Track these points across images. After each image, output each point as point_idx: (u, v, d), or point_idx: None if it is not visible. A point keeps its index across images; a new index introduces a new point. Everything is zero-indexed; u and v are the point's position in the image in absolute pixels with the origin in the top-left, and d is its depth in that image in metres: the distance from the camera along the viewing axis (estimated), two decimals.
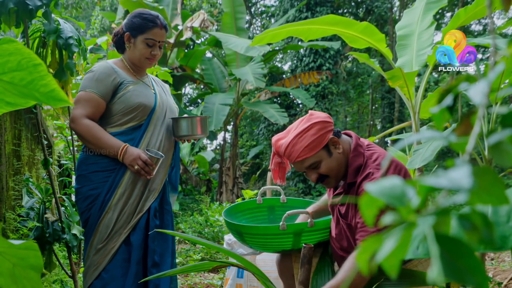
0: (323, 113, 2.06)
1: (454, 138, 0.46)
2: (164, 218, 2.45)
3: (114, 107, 2.35)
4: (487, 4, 0.48)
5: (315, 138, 1.96)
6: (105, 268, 2.28)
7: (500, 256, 4.90)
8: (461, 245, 0.42)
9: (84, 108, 2.29)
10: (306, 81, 11.91)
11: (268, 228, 2.18)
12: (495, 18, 14.47)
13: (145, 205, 2.36)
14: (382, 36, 3.39)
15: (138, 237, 2.32)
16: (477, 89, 0.45)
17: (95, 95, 2.31)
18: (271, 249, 2.32)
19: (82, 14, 17.56)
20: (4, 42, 1.00)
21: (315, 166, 2.02)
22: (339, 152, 2.02)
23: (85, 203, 2.34)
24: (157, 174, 2.41)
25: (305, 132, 1.97)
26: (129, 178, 2.32)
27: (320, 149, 1.98)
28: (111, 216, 2.30)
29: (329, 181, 2.07)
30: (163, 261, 2.40)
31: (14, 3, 2.33)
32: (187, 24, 9.86)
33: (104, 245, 2.30)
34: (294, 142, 1.98)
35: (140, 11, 2.47)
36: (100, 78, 2.33)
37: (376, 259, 0.43)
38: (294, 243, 2.15)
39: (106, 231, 2.30)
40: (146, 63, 2.45)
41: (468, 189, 0.40)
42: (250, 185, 14.55)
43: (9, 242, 0.89)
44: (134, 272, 2.28)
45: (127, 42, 2.43)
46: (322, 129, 1.98)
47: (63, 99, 1.06)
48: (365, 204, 0.45)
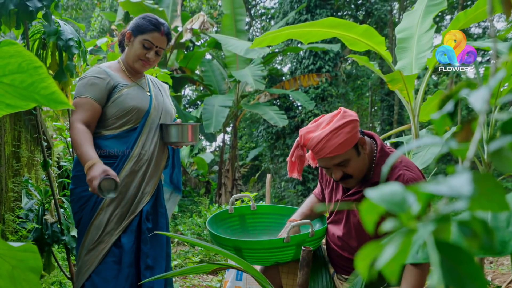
0: (353, 111, 2.06)
1: (455, 145, 0.46)
2: (158, 221, 2.44)
3: (109, 110, 2.35)
4: (488, 11, 0.48)
5: (349, 136, 1.95)
6: (95, 269, 2.28)
7: (499, 260, 4.90)
8: (461, 252, 0.42)
9: (80, 114, 2.28)
10: (306, 83, 11.91)
11: (272, 242, 2.11)
12: (495, 21, 14.48)
13: (138, 207, 2.36)
14: (382, 39, 3.39)
15: (129, 239, 2.32)
16: (478, 96, 0.45)
17: (91, 100, 2.30)
18: (269, 262, 2.22)
19: (81, 15, 17.57)
20: (5, 45, 1.00)
21: (343, 164, 2.01)
22: (365, 153, 2.03)
23: (78, 204, 2.34)
24: (150, 177, 2.41)
25: (341, 128, 1.96)
26: (122, 181, 2.32)
27: (351, 148, 1.98)
28: (102, 217, 2.30)
29: (350, 181, 2.07)
30: (157, 264, 2.39)
31: (14, 5, 2.33)
32: (187, 26, 9.86)
33: (95, 246, 2.29)
34: (329, 137, 1.96)
35: (147, 15, 2.48)
36: (94, 82, 2.33)
37: (376, 265, 0.43)
38: (295, 255, 2.12)
39: (97, 232, 2.29)
40: (139, 65, 2.43)
41: (469, 196, 0.40)
42: (249, 187, 14.55)
43: (8, 244, 0.89)
44: (125, 275, 2.28)
45: (127, 40, 2.43)
46: (355, 128, 1.98)
47: (63, 102, 1.06)
48: (366, 210, 0.45)
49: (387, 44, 12.64)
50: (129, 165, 2.35)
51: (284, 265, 2.24)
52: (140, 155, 2.38)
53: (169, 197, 2.68)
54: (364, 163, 2.03)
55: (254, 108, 11.19)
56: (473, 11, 3.17)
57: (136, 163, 2.36)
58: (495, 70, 0.48)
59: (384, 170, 1.95)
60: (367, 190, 0.47)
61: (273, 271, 2.27)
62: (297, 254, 2.12)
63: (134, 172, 2.36)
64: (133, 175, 2.36)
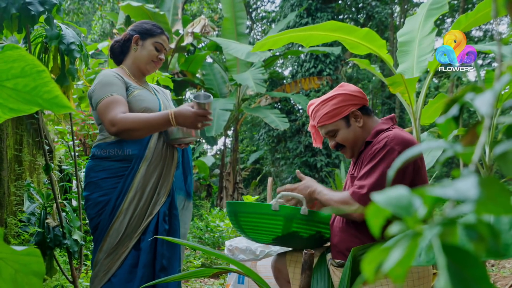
0: (355, 87, 2.19)
1: (460, 148, 0.46)
2: (172, 223, 2.45)
3: None
4: (493, 14, 0.48)
5: (335, 107, 2.10)
6: (114, 273, 2.29)
7: (501, 263, 4.89)
8: (467, 255, 0.42)
9: (115, 109, 2.24)
10: (307, 87, 11.92)
11: (260, 206, 2.13)
12: (496, 23, 14.47)
13: (155, 208, 2.37)
14: (383, 42, 3.40)
15: (147, 241, 2.33)
16: (483, 100, 0.45)
17: (117, 95, 2.29)
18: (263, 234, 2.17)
19: (83, 19, 17.60)
20: (8, 49, 1.01)
21: (333, 134, 2.15)
22: (359, 126, 2.13)
23: (95, 209, 2.34)
24: (164, 178, 2.41)
25: (329, 100, 2.12)
26: (139, 182, 2.33)
27: (339, 119, 2.12)
28: (122, 221, 2.30)
29: (345, 150, 2.19)
30: (171, 265, 2.40)
31: (16, 9, 2.34)
32: (188, 30, 9.88)
33: (114, 250, 2.30)
34: (318, 108, 2.15)
35: (147, 20, 2.61)
36: (112, 81, 2.33)
37: (382, 268, 0.43)
38: (284, 229, 2.07)
39: (117, 235, 2.30)
40: (152, 66, 2.49)
41: (475, 200, 0.40)
42: (251, 191, 14.55)
43: (11, 248, 0.89)
44: (140, 276, 2.28)
45: (134, 44, 2.46)
46: (345, 101, 2.11)
47: (66, 106, 1.06)
48: (372, 213, 0.45)
49: (388, 47, 12.65)
50: (144, 167, 2.35)
51: (292, 258, 2.25)
52: (153, 156, 2.38)
53: (183, 205, 2.66)
54: (356, 135, 2.13)
55: (255, 112, 11.19)
56: (474, 14, 3.17)
57: (150, 164, 2.37)
58: (499, 74, 0.48)
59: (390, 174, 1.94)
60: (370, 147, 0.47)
61: (281, 264, 2.30)
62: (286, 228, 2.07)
63: (149, 173, 2.36)
64: (149, 176, 2.36)
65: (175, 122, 2.22)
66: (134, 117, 2.22)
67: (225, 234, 6.17)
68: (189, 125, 2.26)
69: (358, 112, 2.12)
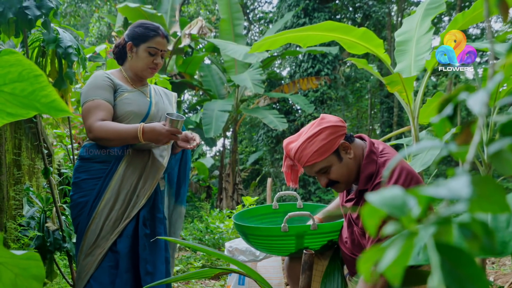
0: (336, 117, 2.03)
1: (454, 147, 0.47)
2: (155, 227, 2.44)
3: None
4: (485, 14, 0.48)
5: (325, 143, 1.94)
6: (93, 275, 2.29)
7: (501, 260, 4.90)
8: (461, 254, 0.42)
9: (95, 115, 2.27)
10: (305, 87, 11.93)
11: (270, 230, 2.16)
12: (492, 21, 14.50)
13: (133, 211, 2.36)
14: (380, 41, 3.40)
15: (124, 244, 2.32)
16: (476, 99, 0.45)
17: (100, 100, 2.30)
18: (276, 251, 2.29)
19: (80, 22, 17.59)
20: (5, 54, 1.01)
21: (325, 171, 1.99)
22: (350, 158, 1.99)
23: (75, 210, 2.36)
24: (145, 181, 2.41)
25: (315, 136, 1.95)
26: (115, 184, 2.33)
27: (330, 154, 1.96)
28: (98, 222, 2.31)
29: (339, 186, 2.04)
30: (157, 269, 2.39)
31: (13, 13, 2.34)
32: (186, 31, 9.88)
33: (92, 251, 2.31)
34: (304, 146, 1.96)
35: (141, 22, 2.50)
36: (99, 85, 2.34)
37: (378, 268, 0.43)
38: (297, 245, 2.14)
39: (93, 236, 2.31)
40: (148, 73, 2.46)
41: (468, 198, 0.40)
42: (250, 191, 14.56)
43: (11, 252, 0.89)
44: (123, 281, 2.28)
45: (129, 51, 2.44)
46: (333, 134, 1.95)
47: (64, 110, 1.07)
48: (367, 214, 0.45)
49: (386, 47, 12.66)
50: (122, 168, 2.36)
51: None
52: (133, 157, 2.38)
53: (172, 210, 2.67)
54: (349, 168, 1.99)
55: (253, 112, 11.20)
56: (471, 12, 3.17)
57: (129, 166, 2.37)
58: (493, 72, 0.49)
59: (385, 174, 1.93)
60: (367, 194, 0.47)
61: (295, 265, 2.30)
62: (299, 245, 2.13)
63: (127, 175, 2.36)
64: (127, 178, 2.36)
65: (142, 137, 2.22)
66: (108, 128, 2.24)
67: (225, 235, 6.16)
68: (158, 141, 2.25)
69: (346, 143, 1.98)
